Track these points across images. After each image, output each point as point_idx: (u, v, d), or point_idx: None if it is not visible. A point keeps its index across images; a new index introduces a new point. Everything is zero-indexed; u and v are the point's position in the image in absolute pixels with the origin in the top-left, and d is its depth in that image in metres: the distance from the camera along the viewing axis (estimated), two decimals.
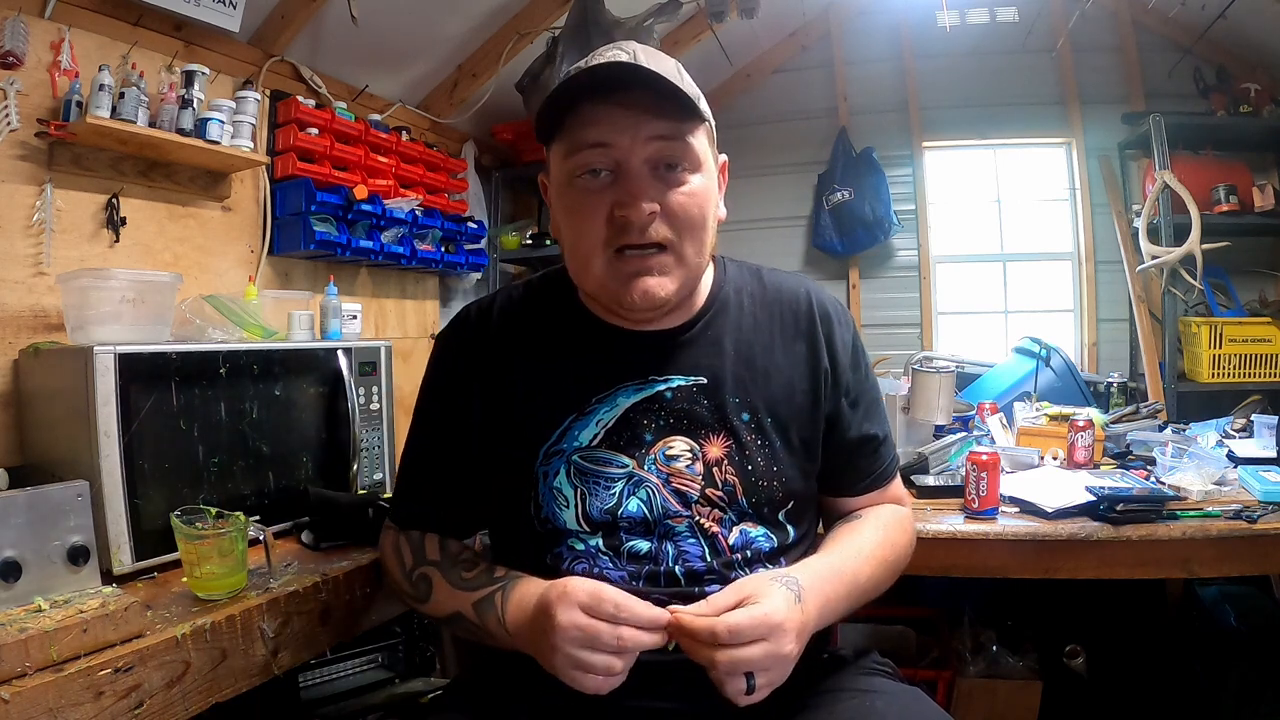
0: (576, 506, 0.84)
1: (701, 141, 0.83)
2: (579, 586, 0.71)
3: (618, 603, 0.70)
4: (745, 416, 0.86)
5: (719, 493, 0.84)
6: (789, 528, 0.88)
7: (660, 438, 0.85)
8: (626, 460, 0.84)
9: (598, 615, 0.69)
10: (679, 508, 0.83)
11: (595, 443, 0.84)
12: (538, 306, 0.93)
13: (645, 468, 0.84)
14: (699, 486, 0.84)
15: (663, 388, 0.86)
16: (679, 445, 0.85)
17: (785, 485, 0.86)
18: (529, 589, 0.78)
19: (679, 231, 0.80)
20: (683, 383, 0.86)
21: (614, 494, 0.83)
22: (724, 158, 0.90)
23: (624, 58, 0.78)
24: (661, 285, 0.80)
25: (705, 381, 0.86)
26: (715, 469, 0.85)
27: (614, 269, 0.81)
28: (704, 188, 0.82)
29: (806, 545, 0.91)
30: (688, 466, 0.84)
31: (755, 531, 0.85)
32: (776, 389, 0.88)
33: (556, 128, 0.82)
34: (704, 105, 0.81)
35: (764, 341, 0.90)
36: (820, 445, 0.91)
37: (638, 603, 0.71)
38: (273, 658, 0.95)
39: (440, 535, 0.92)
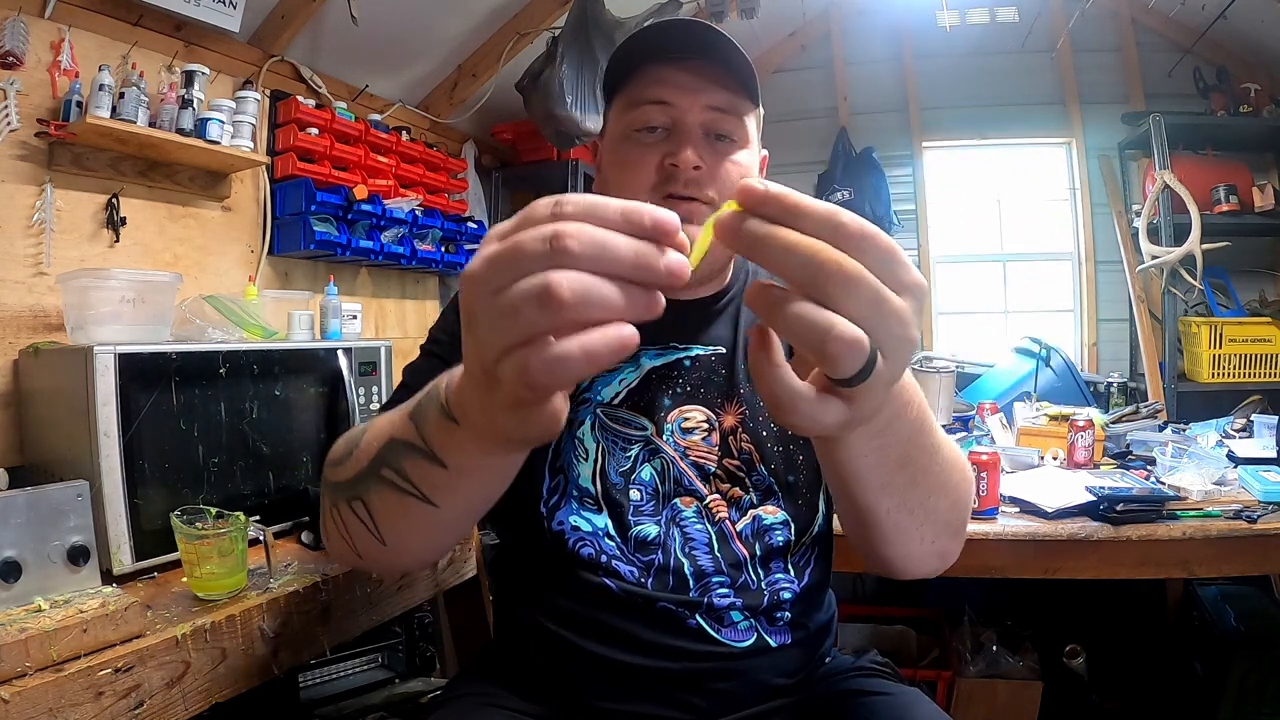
0: (596, 462, 0.83)
1: (751, 124, 0.85)
2: None
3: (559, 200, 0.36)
4: None
5: (736, 461, 0.85)
6: (818, 506, 0.86)
7: (677, 405, 0.86)
8: (646, 423, 0.85)
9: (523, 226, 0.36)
10: (696, 483, 0.84)
11: (617, 400, 0.85)
12: None
13: (664, 438, 0.84)
14: (716, 457, 0.85)
15: (682, 355, 0.87)
16: (696, 415, 0.86)
17: (802, 446, 0.86)
18: None
19: (721, 194, 0.82)
20: (701, 352, 0.88)
21: (630, 456, 0.84)
22: (765, 153, 0.92)
23: (700, 19, 0.81)
24: None
25: (724, 351, 0.88)
26: (731, 437, 0.85)
27: None
28: (749, 163, 0.84)
29: (822, 546, 0.88)
30: (704, 439, 0.85)
31: (772, 519, 0.84)
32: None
33: (621, 83, 0.84)
34: (758, 91, 0.84)
35: None
36: None
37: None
38: (273, 658, 0.95)
39: None
